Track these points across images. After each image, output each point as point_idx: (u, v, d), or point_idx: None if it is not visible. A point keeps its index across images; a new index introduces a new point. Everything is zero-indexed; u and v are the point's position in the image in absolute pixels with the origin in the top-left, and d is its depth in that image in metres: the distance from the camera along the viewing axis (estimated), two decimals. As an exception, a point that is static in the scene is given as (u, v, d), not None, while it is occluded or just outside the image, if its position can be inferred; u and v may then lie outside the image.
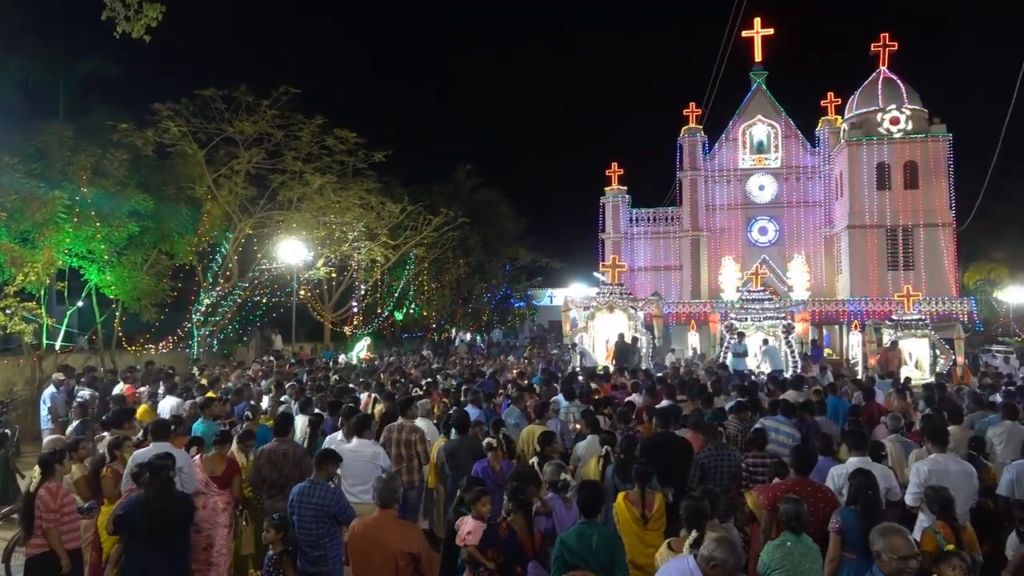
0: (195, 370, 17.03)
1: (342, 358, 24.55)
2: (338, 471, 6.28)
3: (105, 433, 8.27)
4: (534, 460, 7.07)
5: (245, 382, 13.99)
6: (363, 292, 30.09)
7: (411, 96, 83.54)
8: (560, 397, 10.92)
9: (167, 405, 11.06)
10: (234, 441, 7.82)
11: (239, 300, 23.22)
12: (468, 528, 5.56)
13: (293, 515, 5.82)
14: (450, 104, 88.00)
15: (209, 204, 21.38)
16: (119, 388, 13.24)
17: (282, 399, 11.51)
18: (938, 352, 20.08)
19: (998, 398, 11.58)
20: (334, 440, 7.72)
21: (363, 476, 7.05)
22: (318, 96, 43.58)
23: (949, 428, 7.90)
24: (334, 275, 27.97)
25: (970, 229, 31.39)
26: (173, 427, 7.41)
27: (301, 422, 9.22)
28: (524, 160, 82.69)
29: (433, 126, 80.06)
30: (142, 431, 8.03)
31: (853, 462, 6.47)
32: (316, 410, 9.68)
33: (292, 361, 21.59)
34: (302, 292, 26.31)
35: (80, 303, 20.47)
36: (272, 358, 22.77)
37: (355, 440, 7.44)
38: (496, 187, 44.07)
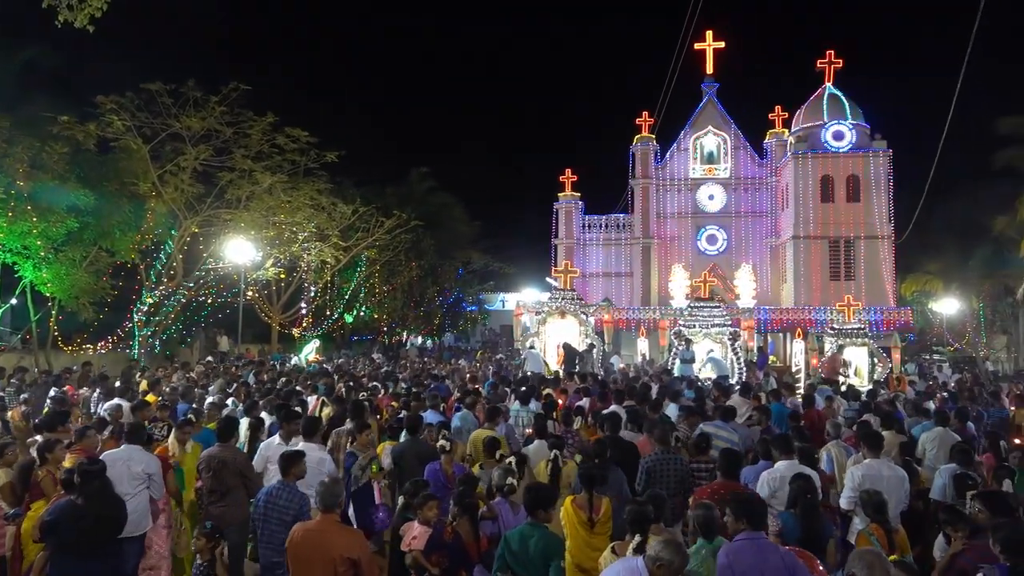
0: (136, 373, 16.52)
1: (294, 360, 24.17)
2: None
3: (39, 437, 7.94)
4: (509, 461, 7.02)
5: (188, 384, 13.63)
6: (313, 294, 29.68)
7: (367, 98, 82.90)
8: (515, 402, 10.99)
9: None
10: (171, 434, 7.68)
11: (183, 300, 22.64)
12: (414, 533, 5.52)
13: (258, 518, 5.69)
14: (406, 108, 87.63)
15: (153, 201, 20.81)
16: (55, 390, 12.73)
17: (228, 402, 11.27)
18: (876, 360, 20.76)
19: (932, 405, 12.05)
20: (271, 444, 7.54)
21: (305, 482, 6.91)
22: (270, 95, 42.84)
23: (883, 433, 8.17)
24: (283, 276, 27.53)
25: (907, 242, 32.57)
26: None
27: (244, 425, 9.02)
28: (479, 164, 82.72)
29: (388, 129, 79.60)
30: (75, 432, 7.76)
31: (781, 466, 6.62)
32: (262, 413, 9.48)
33: (238, 363, 21.14)
34: (250, 293, 25.82)
35: (14, 300, 19.68)
36: (212, 359, 22.27)
37: (301, 444, 7.29)
38: (450, 191, 44.06)
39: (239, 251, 22.85)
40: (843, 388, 14.81)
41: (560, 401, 11.79)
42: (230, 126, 21.16)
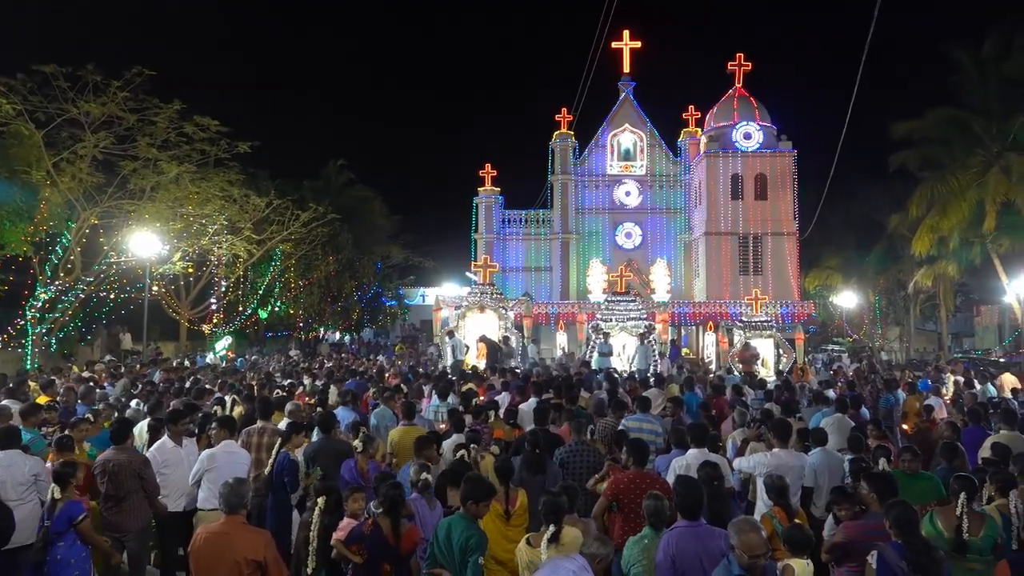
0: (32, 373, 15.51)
1: (210, 358, 23.24)
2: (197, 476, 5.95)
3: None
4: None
5: (88, 385, 12.91)
6: (224, 288, 28.63)
7: (284, 91, 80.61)
8: (434, 396, 10.93)
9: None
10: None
11: (82, 296, 21.42)
12: (341, 525, 5.65)
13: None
14: (324, 100, 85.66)
15: (48, 190, 19.55)
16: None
17: (133, 403, 10.75)
18: (781, 351, 21.71)
19: (832, 393, 12.70)
20: (164, 447, 7.21)
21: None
22: (180, 83, 41.04)
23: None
24: (191, 270, 26.44)
25: (810, 239, 34.18)
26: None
27: (145, 426, 8.60)
28: (398, 158, 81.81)
29: (306, 121, 77.74)
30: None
31: (692, 454, 6.87)
32: (162, 415, 9.06)
33: (143, 361, 20.19)
34: (155, 288, 24.68)
35: None
36: (114, 357, 21.21)
37: (222, 443, 7.07)
38: (370, 184, 43.38)
39: (144, 244, 21.79)
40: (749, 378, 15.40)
41: (481, 396, 11.78)
42: (134, 112, 20.09)
